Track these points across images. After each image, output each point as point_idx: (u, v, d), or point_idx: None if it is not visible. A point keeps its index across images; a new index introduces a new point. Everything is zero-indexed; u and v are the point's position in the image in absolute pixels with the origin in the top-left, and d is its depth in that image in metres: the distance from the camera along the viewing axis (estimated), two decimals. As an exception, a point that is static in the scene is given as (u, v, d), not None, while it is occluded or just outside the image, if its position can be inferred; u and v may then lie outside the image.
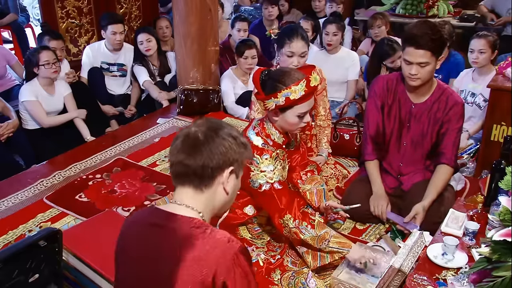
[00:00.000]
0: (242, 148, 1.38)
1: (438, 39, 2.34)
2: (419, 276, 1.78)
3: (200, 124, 1.36)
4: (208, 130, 1.34)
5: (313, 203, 2.32)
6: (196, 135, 1.33)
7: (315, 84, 2.00)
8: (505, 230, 1.50)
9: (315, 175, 2.40)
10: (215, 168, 1.33)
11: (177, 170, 1.35)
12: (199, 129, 1.34)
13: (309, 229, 2.03)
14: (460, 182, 2.85)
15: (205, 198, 1.36)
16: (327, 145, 3.04)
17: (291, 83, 1.95)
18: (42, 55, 3.49)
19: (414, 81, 2.41)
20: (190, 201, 1.36)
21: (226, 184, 1.37)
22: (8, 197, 2.92)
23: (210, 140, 1.32)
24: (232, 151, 1.35)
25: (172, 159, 1.36)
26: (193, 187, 1.35)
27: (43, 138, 3.64)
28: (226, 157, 1.33)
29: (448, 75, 3.78)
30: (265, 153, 2.05)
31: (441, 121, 2.50)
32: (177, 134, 1.39)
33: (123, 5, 5.11)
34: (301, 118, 2.03)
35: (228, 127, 1.38)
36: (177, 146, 1.34)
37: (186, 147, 1.32)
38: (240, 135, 1.39)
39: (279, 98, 1.95)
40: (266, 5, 5.09)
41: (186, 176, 1.34)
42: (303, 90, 1.95)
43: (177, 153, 1.34)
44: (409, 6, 5.56)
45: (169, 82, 4.39)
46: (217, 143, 1.32)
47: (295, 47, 2.71)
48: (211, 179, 1.34)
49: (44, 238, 1.76)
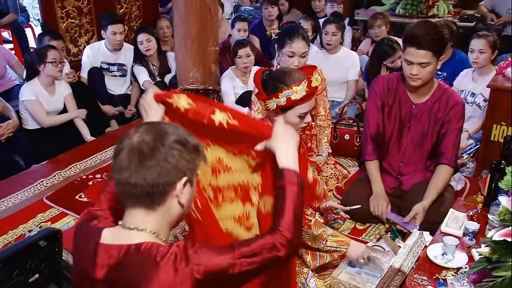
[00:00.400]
0: (194, 154, 1.23)
1: (439, 39, 2.34)
2: (419, 276, 1.78)
3: (143, 132, 1.19)
4: (153, 140, 1.18)
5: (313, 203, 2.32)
6: (141, 148, 1.16)
7: (316, 85, 1.99)
8: (505, 230, 1.50)
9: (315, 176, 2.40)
10: (166, 183, 1.18)
11: (124, 190, 1.19)
12: (142, 140, 1.17)
13: (306, 230, 2.03)
14: (460, 182, 2.85)
15: (158, 217, 1.22)
16: (327, 145, 3.04)
17: (293, 83, 1.95)
18: (50, 53, 3.51)
19: (415, 81, 2.41)
20: (142, 223, 1.21)
21: (181, 197, 1.22)
22: (8, 197, 2.93)
23: (156, 152, 1.16)
24: (183, 160, 1.19)
25: (116, 177, 1.20)
26: (144, 208, 1.20)
27: (43, 138, 3.64)
28: (177, 169, 1.18)
29: (453, 73, 3.76)
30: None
31: (441, 121, 2.50)
32: (117, 145, 1.21)
33: (123, 5, 5.11)
34: (302, 118, 2.03)
35: (174, 131, 1.22)
36: (121, 162, 1.18)
37: (131, 163, 1.16)
38: (189, 137, 1.24)
39: (281, 98, 1.95)
40: (266, 5, 5.08)
41: (135, 197, 1.19)
42: (305, 91, 1.95)
43: (121, 171, 1.18)
44: (409, 6, 5.56)
45: (169, 82, 4.39)
46: (165, 155, 1.17)
47: (296, 47, 2.71)
48: (164, 195, 1.19)
49: (44, 238, 1.76)
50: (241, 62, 3.94)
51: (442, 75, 3.86)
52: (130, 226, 1.21)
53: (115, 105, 4.29)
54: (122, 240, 1.20)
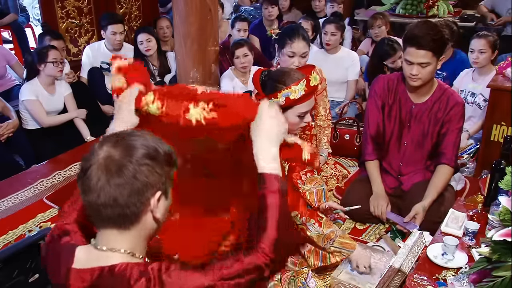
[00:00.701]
0: (166, 166, 1.14)
1: (439, 39, 2.34)
2: (419, 276, 1.78)
3: (109, 146, 1.10)
4: (120, 156, 1.09)
5: (312, 203, 2.32)
6: (108, 166, 1.08)
7: (315, 84, 2.00)
8: (505, 230, 1.50)
9: (314, 175, 2.40)
10: (139, 201, 1.11)
11: (94, 212, 1.12)
12: (109, 156, 1.09)
13: (316, 227, 2.04)
14: (460, 182, 2.85)
15: (132, 235, 1.15)
16: (327, 145, 3.04)
17: (291, 83, 1.95)
18: (51, 53, 3.51)
19: (415, 81, 2.41)
20: (116, 243, 1.14)
21: (156, 211, 1.15)
22: (8, 197, 2.93)
23: (124, 170, 1.08)
24: (155, 175, 1.11)
25: (85, 200, 1.12)
26: (117, 228, 1.13)
27: (43, 138, 3.64)
28: (148, 185, 1.10)
29: (453, 73, 3.76)
30: None
31: (441, 121, 2.50)
32: (82, 162, 1.12)
33: (123, 5, 5.11)
34: (302, 118, 2.03)
35: (142, 143, 1.12)
36: (88, 182, 1.09)
37: (99, 183, 1.08)
38: (160, 145, 1.14)
39: (279, 98, 1.95)
40: (266, 5, 5.08)
41: (106, 218, 1.12)
42: (303, 90, 1.95)
43: (89, 192, 1.09)
44: (409, 6, 5.56)
45: (169, 82, 4.39)
46: (134, 172, 1.08)
47: (296, 48, 2.71)
48: (137, 214, 1.12)
49: (44, 238, 1.76)
50: (239, 63, 3.94)
51: (442, 75, 3.86)
52: (103, 247, 1.14)
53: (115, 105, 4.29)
54: (95, 262, 1.13)
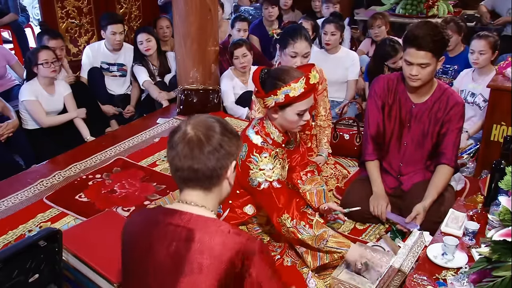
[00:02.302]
0: (236, 139, 1.41)
1: (440, 40, 2.34)
2: (419, 276, 1.78)
3: (196, 124, 1.36)
4: (207, 130, 1.35)
5: (313, 203, 2.32)
6: (199, 138, 1.33)
7: (315, 82, 2.00)
8: (505, 230, 1.50)
9: (315, 176, 2.40)
10: (222, 167, 1.36)
11: (185, 175, 1.35)
12: (197, 131, 1.34)
13: (307, 229, 2.03)
14: (460, 182, 2.85)
15: (215, 196, 1.40)
16: (327, 145, 3.04)
17: (291, 80, 1.96)
18: (41, 54, 3.49)
19: (415, 82, 2.41)
20: (202, 201, 1.38)
21: (231, 178, 1.40)
22: (8, 197, 2.92)
23: (213, 141, 1.33)
24: (233, 146, 1.37)
25: (178, 165, 1.35)
26: (203, 189, 1.37)
27: (43, 138, 3.64)
28: (229, 154, 1.36)
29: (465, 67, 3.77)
30: (264, 151, 2.05)
31: (441, 121, 2.50)
32: (172, 137, 1.38)
33: (123, 5, 5.11)
34: (301, 116, 2.04)
35: (219, 120, 1.40)
36: (183, 151, 1.33)
37: (193, 152, 1.32)
38: (229, 125, 1.42)
39: (279, 96, 1.96)
40: (266, 5, 5.08)
41: (195, 180, 1.36)
42: (303, 88, 1.96)
43: (184, 159, 1.33)
44: (409, 6, 5.56)
45: (169, 82, 4.39)
46: (220, 143, 1.34)
47: (299, 48, 2.71)
48: (219, 178, 1.37)
49: (44, 238, 1.76)
50: (238, 63, 3.95)
51: (453, 68, 3.88)
52: (192, 203, 1.37)
53: (115, 105, 4.29)
54: (184, 209, 1.36)
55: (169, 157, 1.37)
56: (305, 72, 1.98)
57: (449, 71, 3.95)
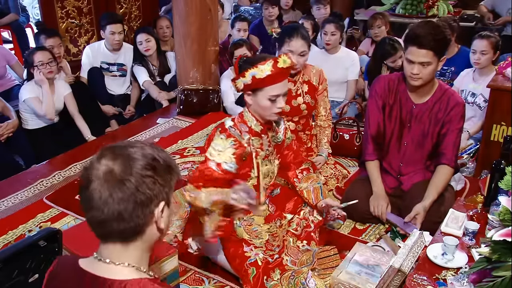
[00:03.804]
0: (167, 174, 1.11)
1: (441, 39, 2.34)
2: (419, 276, 1.78)
3: (109, 159, 1.07)
4: (121, 169, 1.06)
5: (310, 201, 2.33)
6: (108, 180, 1.05)
7: (283, 66, 2.03)
8: (505, 230, 1.50)
9: (311, 173, 2.42)
10: (144, 215, 1.08)
11: (98, 228, 1.10)
12: (109, 170, 1.05)
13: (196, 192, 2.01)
14: (460, 182, 2.85)
15: (136, 249, 1.13)
16: (327, 145, 3.05)
17: (259, 62, 2.01)
18: (36, 56, 3.48)
19: (416, 81, 2.41)
20: (122, 257, 1.12)
21: (160, 222, 1.12)
22: (8, 197, 2.92)
23: (127, 183, 1.05)
24: (158, 186, 1.08)
25: (88, 215, 1.09)
26: (121, 242, 1.11)
27: (43, 138, 3.64)
28: (153, 196, 1.08)
29: (462, 69, 3.76)
30: (224, 133, 2.12)
31: (442, 121, 2.50)
32: (82, 177, 1.09)
33: (123, 5, 5.11)
34: (274, 102, 2.07)
35: (141, 154, 1.09)
36: (91, 199, 1.06)
37: (103, 200, 1.05)
38: (160, 154, 1.12)
39: (247, 77, 2.02)
40: (266, 5, 5.08)
41: (110, 233, 1.10)
42: (270, 70, 1.99)
43: (93, 209, 1.06)
44: (409, 6, 5.56)
45: (169, 82, 4.39)
46: (137, 185, 1.05)
47: (294, 46, 2.72)
48: (142, 227, 1.10)
49: (44, 238, 1.76)
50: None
51: (450, 70, 3.87)
52: (110, 260, 1.12)
53: (115, 105, 4.29)
54: (103, 274, 1.11)
55: (81, 202, 1.11)
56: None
57: (447, 73, 3.94)
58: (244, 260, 2.10)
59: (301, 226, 2.33)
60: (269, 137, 2.24)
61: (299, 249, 2.26)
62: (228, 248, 2.16)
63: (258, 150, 2.18)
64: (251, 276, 2.06)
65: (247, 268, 2.08)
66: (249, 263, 2.09)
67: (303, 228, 2.33)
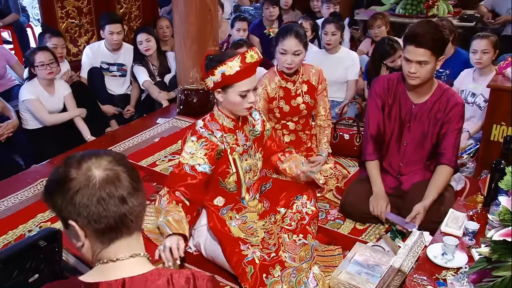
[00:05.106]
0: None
1: (439, 39, 2.34)
2: (419, 276, 1.78)
3: (108, 162, 1.17)
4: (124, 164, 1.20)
5: (293, 174, 2.39)
6: (118, 175, 1.16)
7: (251, 61, 2.04)
8: (505, 230, 1.50)
9: (293, 154, 2.49)
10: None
11: (126, 219, 1.10)
12: (114, 169, 1.16)
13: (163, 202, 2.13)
14: (460, 182, 2.85)
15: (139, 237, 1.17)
16: (327, 145, 3.05)
17: (226, 59, 2.02)
18: (37, 56, 3.48)
19: (413, 80, 2.41)
20: (137, 248, 1.14)
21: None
22: (8, 197, 2.92)
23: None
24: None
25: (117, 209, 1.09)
26: (138, 231, 1.15)
27: (43, 138, 3.64)
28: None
29: (458, 71, 3.75)
30: (194, 135, 2.14)
31: (441, 121, 2.50)
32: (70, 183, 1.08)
33: (123, 5, 5.11)
34: (244, 98, 2.09)
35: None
36: (119, 190, 1.12)
37: (130, 188, 1.14)
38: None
39: (216, 75, 2.03)
40: (267, 5, 5.08)
41: (133, 222, 1.12)
42: (238, 66, 2.01)
43: (125, 198, 1.11)
44: (409, 6, 5.56)
45: (169, 82, 4.39)
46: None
47: (287, 45, 2.73)
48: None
49: (44, 238, 1.76)
50: None
51: (445, 73, 3.86)
52: (125, 256, 1.11)
53: (115, 105, 4.29)
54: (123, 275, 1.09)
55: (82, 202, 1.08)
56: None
57: (442, 76, 3.93)
58: (242, 258, 2.09)
59: (295, 220, 2.33)
60: (245, 132, 2.26)
61: (295, 243, 2.25)
62: (225, 247, 2.16)
63: (234, 146, 2.20)
64: (249, 274, 2.05)
65: (245, 266, 2.07)
66: (246, 262, 2.08)
67: (298, 221, 2.33)
